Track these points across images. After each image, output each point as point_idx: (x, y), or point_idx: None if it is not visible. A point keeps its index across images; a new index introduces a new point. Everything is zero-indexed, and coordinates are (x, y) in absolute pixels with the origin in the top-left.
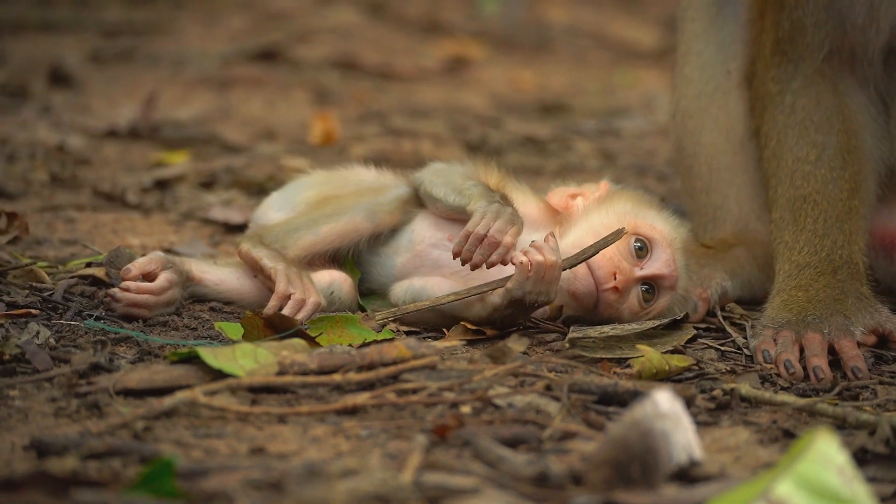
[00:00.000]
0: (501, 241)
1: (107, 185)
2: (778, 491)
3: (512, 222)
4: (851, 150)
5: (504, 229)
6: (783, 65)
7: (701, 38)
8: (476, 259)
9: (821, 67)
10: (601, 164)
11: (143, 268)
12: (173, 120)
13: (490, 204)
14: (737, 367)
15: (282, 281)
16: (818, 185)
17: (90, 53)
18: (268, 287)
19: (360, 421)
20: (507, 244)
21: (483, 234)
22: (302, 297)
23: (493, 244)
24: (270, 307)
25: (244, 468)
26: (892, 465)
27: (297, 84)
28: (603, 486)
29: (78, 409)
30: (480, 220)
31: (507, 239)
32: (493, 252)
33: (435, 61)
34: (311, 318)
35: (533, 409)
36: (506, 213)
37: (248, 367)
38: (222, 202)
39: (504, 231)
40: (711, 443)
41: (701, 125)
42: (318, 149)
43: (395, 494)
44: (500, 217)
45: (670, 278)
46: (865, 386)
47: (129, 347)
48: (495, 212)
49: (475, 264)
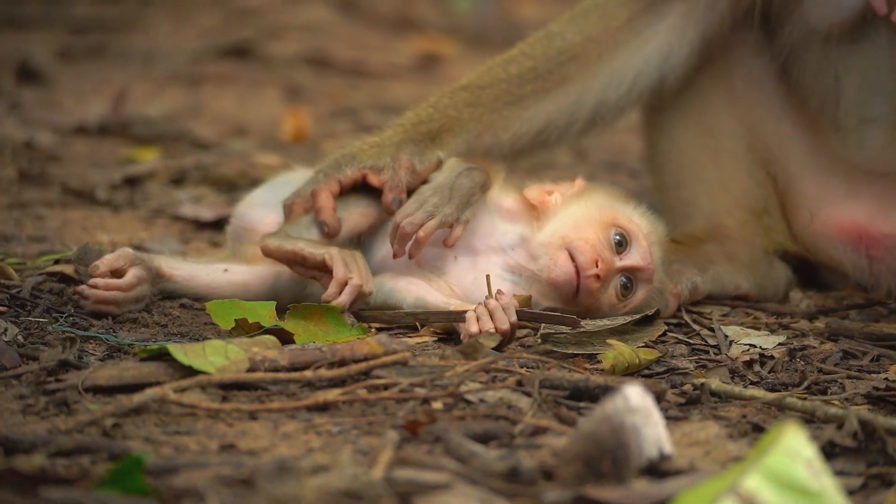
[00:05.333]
0: (410, 231)
1: (76, 182)
2: (746, 484)
3: (431, 215)
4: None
5: (419, 222)
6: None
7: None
8: (394, 249)
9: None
10: (573, 161)
11: (112, 264)
12: (143, 116)
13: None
14: (707, 362)
15: (340, 266)
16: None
17: (59, 49)
18: (310, 276)
19: (331, 417)
20: (419, 239)
21: (397, 223)
22: (360, 283)
23: (404, 235)
24: (329, 294)
25: (214, 465)
26: (859, 459)
27: (268, 81)
28: (574, 480)
29: (46, 406)
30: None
31: (420, 234)
32: (405, 243)
33: (407, 58)
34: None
35: (504, 404)
36: (428, 205)
37: (219, 364)
38: (193, 199)
39: (417, 224)
40: (681, 437)
41: (671, 120)
42: (289, 145)
43: (366, 490)
44: (420, 209)
45: (648, 271)
46: (834, 380)
47: (99, 344)
48: (414, 202)
49: (394, 254)
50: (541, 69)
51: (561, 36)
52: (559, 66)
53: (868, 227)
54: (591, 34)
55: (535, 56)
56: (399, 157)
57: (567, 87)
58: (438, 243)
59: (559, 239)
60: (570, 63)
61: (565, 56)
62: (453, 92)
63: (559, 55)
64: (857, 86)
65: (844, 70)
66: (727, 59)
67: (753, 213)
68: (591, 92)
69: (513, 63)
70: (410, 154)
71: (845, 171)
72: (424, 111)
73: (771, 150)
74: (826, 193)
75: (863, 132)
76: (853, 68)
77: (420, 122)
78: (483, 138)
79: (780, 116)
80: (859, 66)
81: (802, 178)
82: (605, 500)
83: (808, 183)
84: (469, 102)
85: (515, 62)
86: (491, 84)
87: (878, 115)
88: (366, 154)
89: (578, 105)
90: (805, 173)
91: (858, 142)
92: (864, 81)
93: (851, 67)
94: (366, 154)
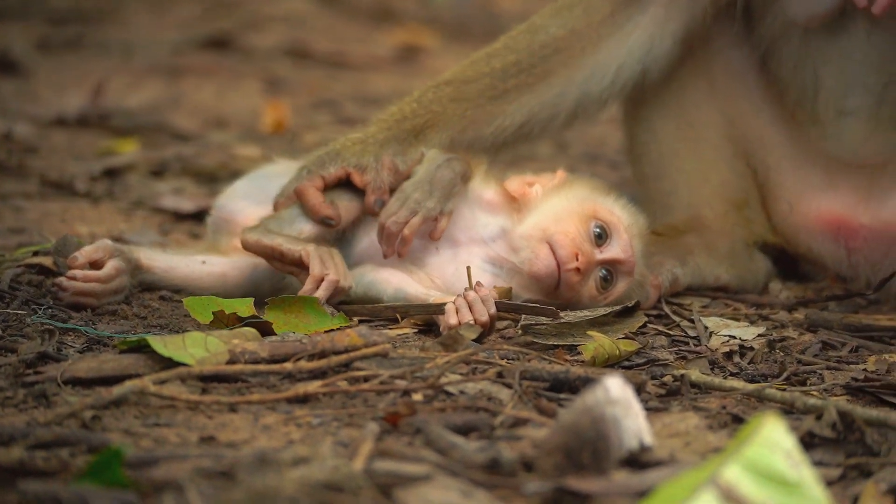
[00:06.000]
0: (395, 231)
1: (55, 174)
2: (726, 475)
3: (414, 212)
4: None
5: (403, 220)
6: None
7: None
8: (384, 250)
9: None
10: (553, 153)
11: (90, 256)
12: (123, 108)
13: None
14: (687, 354)
15: (316, 263)
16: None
17: (38, 41)
18: (288, 272)
19: (312, 409)
20: (405, 237)
21: (382, 223)
22: (336, 278)
23: (390, 235)
24: (305, 291)
25: (194, 457)
26: (838, 450)
27: (248, 72)
28: (554, 472)
29: (25, 398)
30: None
31: (405, 232)
32: (393, 242)
33: (387, 49)
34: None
35: (484, 396)
36: (409, 204)
37: (199, 356)
38: (172, 191)
39: (401, 222)
40: (662, 428)
41: (651, 112)
42: (269, 137)
43: (347, 482)
44: (403, 207)
45: (628, 263)
46: (813, 371)
47: (78, 336)
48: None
49: (384, 254)
50: (524, 63)
51: (544, 29)
52: (543, 60)
53: (847, 218)
54: (574, 27)
55: (518, 50)
56: (382, 157)
57: (551, 80)
58: (422, 235)
59: (540, 232)
60: (554, 57)
61: (549, 50)
62: (437, 86)
63: (543, 49)
64: (835, 78)
65: (823, 62)
66: (707, 51)
67: (733, 204)
68: (575, 85)
69: (496, 57)
70: (394, 154)
71: (824, 163)
72: (408, 106)
73: (751, 142)
74: (805, 185)
75: (841, 125)
76: (832, 60)
77: (404, 119)
78: (466, 133)
79: (760, 108)
80: (838, 58)
81: (782, 170)
82: (585, 491)
83: (787, 174)
84: (453, 97)
85: (499, 56)
86: (475, 78)
87: (857, 107)
88: (349, 151)
89: (562, 98)
90: (784, 165)
91: (837, 134)
92: (842, 74)
93: (830, 60)
94: (349, 151)
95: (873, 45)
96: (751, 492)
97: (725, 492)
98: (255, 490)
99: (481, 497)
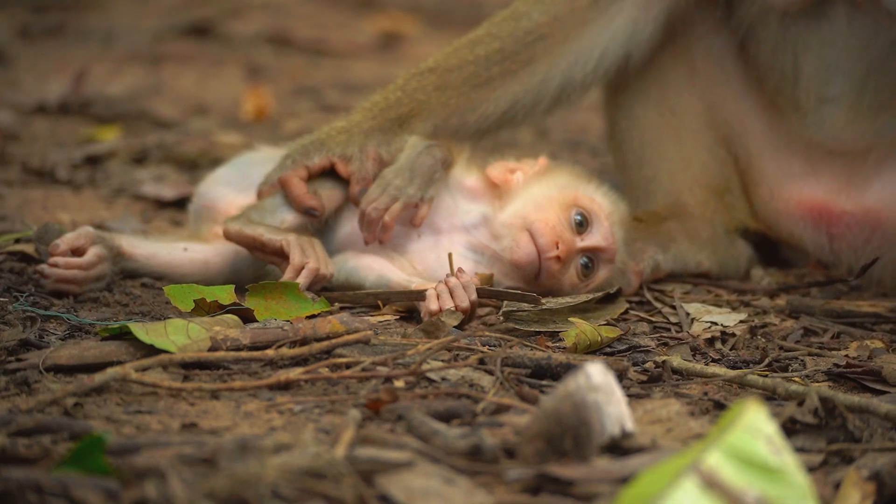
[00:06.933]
0: (376, 217)
1: (36, 161)
2: (708, 461)
3: (395, 198)
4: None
5: (383, 206)
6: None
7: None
8: (365, 237)
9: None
10: (534, 139)
11: (72, 243)
12: (104, 95)
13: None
14: (668, 340)
15: (296, 252)
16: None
17: (19, 28)
18: (269, 262)
19: (294, 396)
20: (386, 224)
21: (363, 210)
22: (316, 266)
23: (371, 221)
24: (286, 279)
25: (176, 444)
26: (820, 436)
27: (229, 59)
28: (536, 458)
29: (7, 385)
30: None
31: (386, 219)
32: (374, 229)
33: (368, 37)
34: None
35: (466, 382)
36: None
37: (180, 343)
38: (154, 178)
39: (382, 209)
40: (643, 415)
41: (632, 98)
42: (250, 124)
43: (329, 469)
44: (384, 194)
45: (609, 251)
46: (795, 357)
47: (60, 324)
48: (378, 186)
49: (365, 241)
50: (508, 50)
51: (527, 16)
52: (526, 46)
53: (828, 204)
54: (557, 13)
55: (501, 37)
56: (367, 147)
57: (534, 66)
58: (403, 222)
59: (521, 220)
60: (537, 43)
61: (532, 36)
62: (421, 74)
63: (526, 35)
64: (815, 65)
65: (803, 48)
66: (688, 37)
67: (715, 190)
68: (558, 70)
69: (480, 44)
70: (378, 144)
71: (805, 150)
72: (393, 95)
73: (732, 129)
74: (786, 171)
75: (822, 111)
76: (811, 47)
77: (388, 108)
78: (451, 121)
79: (741, 95)
80: (818, 44)
81: (763, 157)
82: (567, 477)
83: (768, 161)
84: (437, 86)
85: (482, 43)
86: (459, 66)
87: (837, 94)
88: (334, 141)
89: (545, 84)
90: (765, 151)
91: (817, 121)
92: (822, 60)
93: (809, 46)
94: (334, 141)
95: (854, 30)
96: (732, 478)
97: (707, 478)
98: (236, 477)
99: (463, 484)
